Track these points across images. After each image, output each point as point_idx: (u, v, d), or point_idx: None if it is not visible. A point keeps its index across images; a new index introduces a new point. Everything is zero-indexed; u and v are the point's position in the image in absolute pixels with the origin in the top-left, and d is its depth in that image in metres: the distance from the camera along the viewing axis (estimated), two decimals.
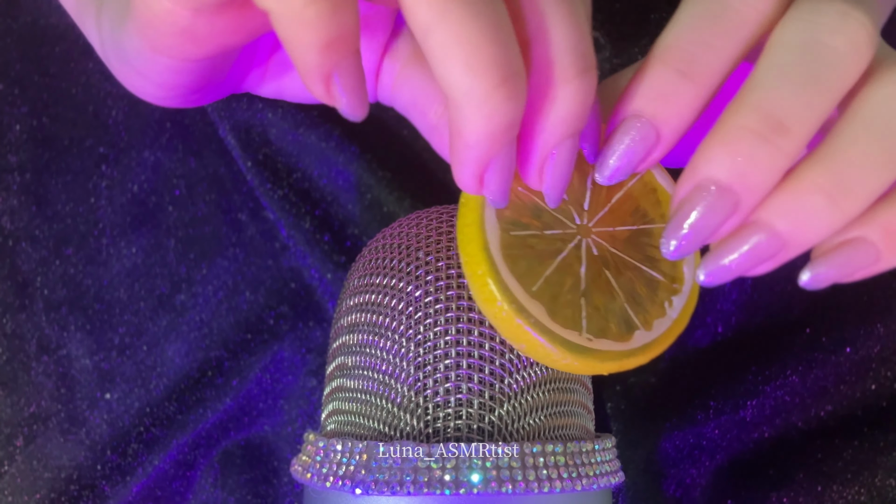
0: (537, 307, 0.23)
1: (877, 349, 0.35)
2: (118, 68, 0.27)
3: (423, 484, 0.24)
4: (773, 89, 0.20)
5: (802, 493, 0.34)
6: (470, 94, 0.19)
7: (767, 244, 0.21)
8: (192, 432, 0.38)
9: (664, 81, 0.21)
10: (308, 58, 0.20)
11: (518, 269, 0.23)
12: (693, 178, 0.21)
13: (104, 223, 0.39)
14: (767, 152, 0.20)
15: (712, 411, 0.37)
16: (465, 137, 0.20)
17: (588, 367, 0.24)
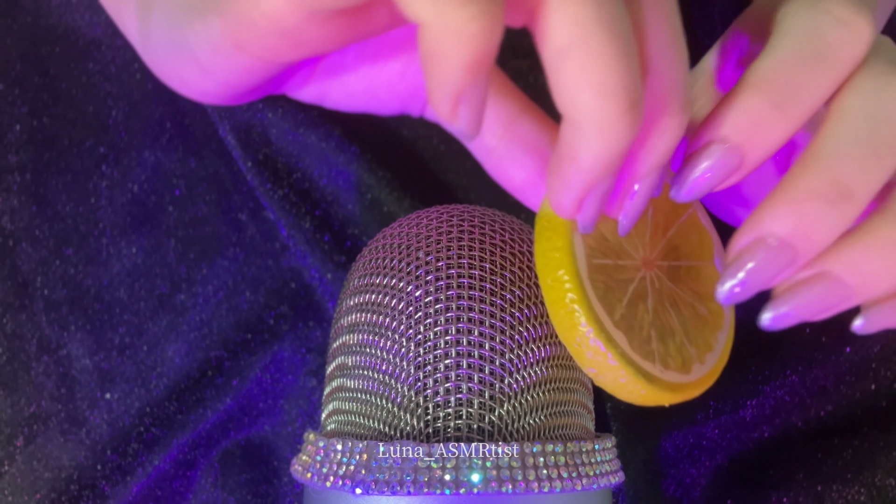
0: (620, 336, 0.23)
1: (876, 349, 0.35)
2: (167, 61, 0.26)
3: (423, 484, 0.24)
4: (843, 157, 0.21)
5: (802, 492, 0.34)
6: (597, 118, 0.19)
7: (835, 295, 0.22)
8: (193, 432, 0.38)
9: (758, 112, 0.22)
10: (450, 74, 0.19)
11: (602, 297, 0.23)
12: (757, 229, 0.22)
13: (104, 223, 0.39)
14: (832, 216, 0.21)
15: (712, 411, 0.37)
16: (580, 161, 0.20)
17: (655, 398, 0.24)
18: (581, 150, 0.20)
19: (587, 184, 0.21)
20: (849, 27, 0.22)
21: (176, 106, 0.40)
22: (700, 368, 0.25)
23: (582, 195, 0.22)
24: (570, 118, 0.20)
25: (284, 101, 0.38)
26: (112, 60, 0.39)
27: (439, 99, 0.20)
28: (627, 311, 0.24)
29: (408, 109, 0.28)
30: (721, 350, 0.26)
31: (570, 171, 0.21)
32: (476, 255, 0.27)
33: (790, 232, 0.21)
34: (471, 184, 0.40)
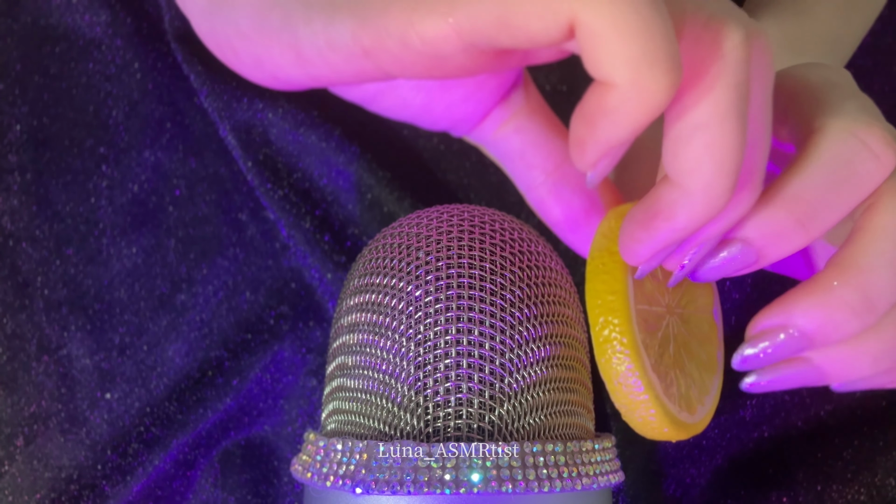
0: (656, 379, 0.25)
1: None
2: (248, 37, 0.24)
3: (423, 483, 0.24)
4: (875, 275, 0.23)
5: (802, 492, 0.34)
6: (710, 190, 0.21)
7: (811, 378, 0.24)
8: (193, 432, 0.38)
9: (782, 225, 0.23)
10: (616, 133, 0.20)
11: (643, 341, 0.25)
12: (784, 316, 0.24)
13: (104, 223, 0.39)
14: (854, 324, 0.23)
15: None
16: (675, 221, 0.22)
17: (671, 435, 0.25)
18: (680, 213, 0.22)
19: (672, 242, 0.23)
20: (878, 160, 0.23)
21: (176, 106, 0.40)
22: (702, 410, 0.26)
23: (662, 250, 0.23)
24: (679, 183, 0.21)
25: (285, 101, 0.38)
26: (112, 60, 0.39)
27: (592, 151, 0.21)
28: (658, 355, 0.25)
29: (453, 130, 0.29)
30: (715, 393, 0.28)
31: (662, 228, 0.22)
32: (476, 254, 0.27)
33: (814, 330, 0.23)
34: (471, 184, 0.40)
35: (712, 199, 0.21)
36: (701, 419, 0.26)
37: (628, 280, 0.25)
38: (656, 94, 0.19)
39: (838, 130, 0.23)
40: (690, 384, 0.26)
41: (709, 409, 0.27)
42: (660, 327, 0.26)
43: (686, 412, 0.26)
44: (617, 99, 0.19)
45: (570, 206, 0.28)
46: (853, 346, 0.24)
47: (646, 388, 0.24)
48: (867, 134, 0.23)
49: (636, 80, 0.19)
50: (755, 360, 0.24)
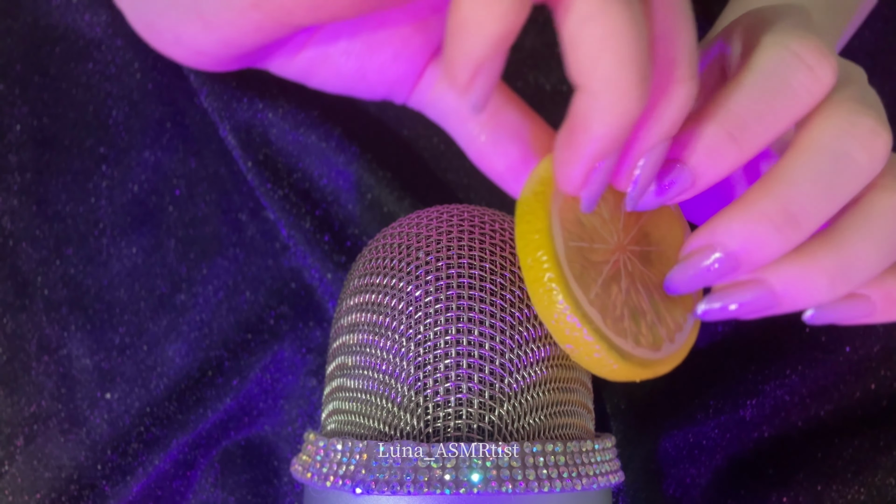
0: (595, 314, 0.24)
1: (876, 348, 0.35)
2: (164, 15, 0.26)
3: (423, 483, 0.24)
4: (799, 188, 0.23)
5: (802, 492, 0.34)
6: (614, 86, 0.20)
7: (764, 301, 0.24)
8: (193, 432, 0.38)
9: (715, 141, 0.23)
10: (476, 46, 0.20)
11: (578, 277, 0.25)
12: (709, 236, 0.24)
13: (104, 223, 0.39)
14: (777, 240, 0.23)
15: (712, 410, 0.37)
16: (592, 130, 0.21)
17: (625, 373, 0.25)
18: (594, 120, 0.21)
19: (597, 154, 0.22)
20: (812, 72, 0.23)
21: (176, 106, 0.40)
22: (669, 347, 0.26)
23: (590, 167, 0.23)
24: (586, 87, 0.21)
25: (284, 100, 0.38)
26: (112, 60, 0.39)
27: (460, 68, 0.21)
28: (602, 291, 0.25)
29: (393, 96, 0.29)
30: (690, 330, 0.27)
31: (582, 142, 0.22)
32: (476, 254, 0.27)
33: (737, 247, 0.23)
34: (471, 184, 0.40)
35: (619, 96, 0.20)
36: (670, 355, 0.26)
37: (552, 219, 0.25)
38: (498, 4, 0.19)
39: (772, 44, 0.23)
40: (655, 321, 0.26)
41: (681, 345, 0.27)
42: (606, 263, 0.26)
43: (645, 348, 0.25)
44: (466, 9, 0.20)
45: (509, 155, 0.27)
46: (805, 264, 0.24)
47: (582, 323, 0.24)
48: (801, 47, 0.23)
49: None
50: (687, 283, 0.24)
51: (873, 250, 0.23)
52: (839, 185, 0.23)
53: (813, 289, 0.24)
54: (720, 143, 0.23)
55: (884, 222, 0.24)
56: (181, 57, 0.27)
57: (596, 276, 0.25)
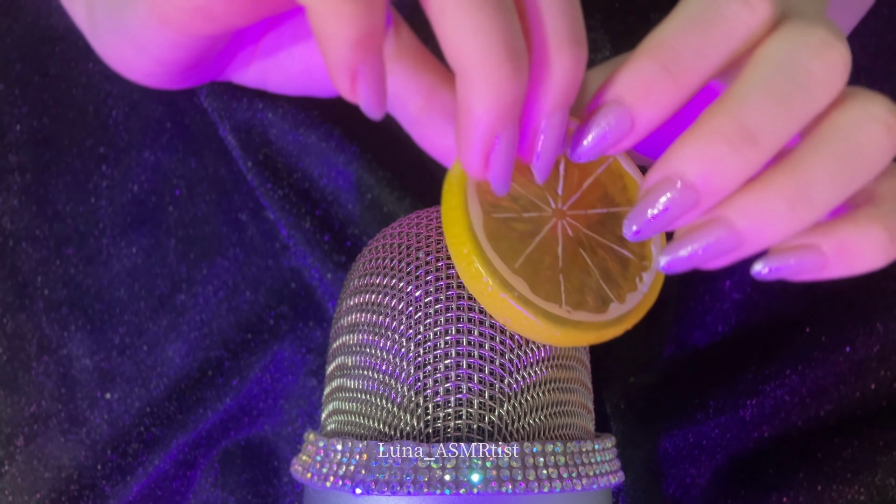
0: (520, 282, 0.24)
1: (876, 349, 0.35)
2: (109, 42, 0.28)
3: (423, 484, 0.24)
4: (751, 101, 0.21)
5: (802, 492, 0.34)
6: (481, 67, 0.21)
7: (726, 240, 0.22)
8: (193, 432, 0.38)
9: (648, 74, 0.22)
10: (339, 52, 0.21)
11: (500, 248, 0.25)
12: (663, 170, 0.22)
13: (104, 223, 0.39)
14: (734, 160, 0.21)
15: (712, 410, 0.37)
16: (473, 113, 0.21)
17: (569, 338, 0.25)
18: (473, 102, 0.21)
19: (487, 135, 0.22)
20: (748, 4, 0.22)
21: (176, 106, 0.40)
22: (618, 308, 0.26)
23: (485, 148, 0.22)
24: (458, 70, 0.21)
25: (284, 101, 0.38)
26: None
27: (336, 77, 0.21)
28: (531, 259, 0.25)
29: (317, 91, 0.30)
30: (647, 290, 0.27)
31: (468, 125, 0.22)
32: None
33: (693, 173, 0.22)
34: None
35: (491, 75, 0.21)
36: (619, 315, 0.26)
37: (469, 194, 0.25)
38: (343, 4, 0.20)
39: None
40: (602, 283, 0.26)
41: (634, 304, 0.26)
42: (538, 231, 0.26)
43: (587, 311, 0.25)
44: (316, 20, 0.21)
45: (447, 134, 0.28)
46: (761, 189, 0.22)
47: (506, 292, 0.24)
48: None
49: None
50: (646, 224, 0.23)
51: (832, 170, 0.22)
52: (795, 99, 0.22)
53: (772, 216, 0.22)
54: (655, 77, 0.22)
55: (842, 141, 0.22)
56: (134, 77, 0.28)
57: (524, 246, 0.25)
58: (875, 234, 0.22)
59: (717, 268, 0.23)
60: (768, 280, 0.23)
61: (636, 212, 0.23)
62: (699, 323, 0.39)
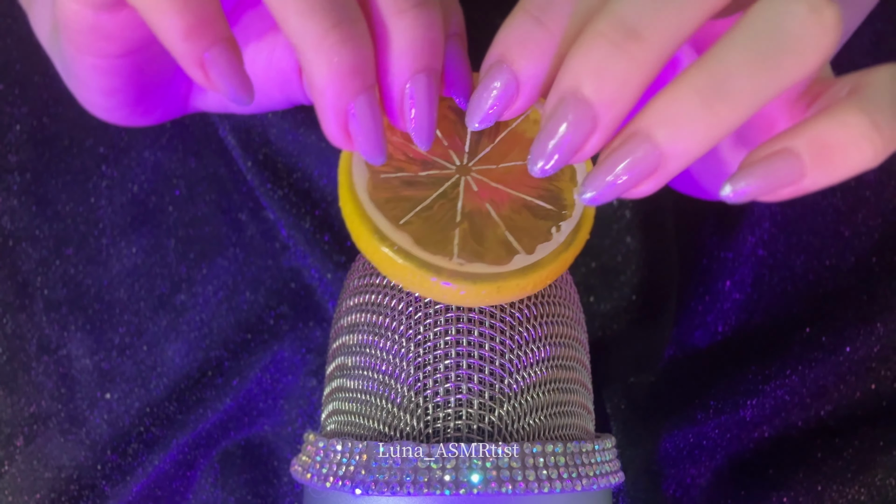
0: (403, 237, 0.24)
1: (877, 349, 0.35)
2: (69, 83, 0.29)
3: (423, 484, 0.24)
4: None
5: (802, 492, 0.34)
6: (307, 39, 0.21)
7: (646, 154, 0.20)
8: (192, 432, 0.38)
9: (520, 27, 0.22)
10: (177, 46, 0.21)
11: (386, 206, 0.25)
12: (555, 91, 0.21)
13: (104, 223, 0.39)
14: (620, 60, 0.20)
15: (712, 411, 0.37)
16: (315, 84, 0.21)
17: (463, 291, 0.24)
18: (312, 75, 0.21)
19: (335, 106, 0.22)
20: None
21: None
22: (524, 258, 0.25)
23: (339, 120, 0.22)
24: (293, 46, 0.21)
25: None
26: None
27: (185, 67, 0.22)
28: (422, 216, 0.25)
29: (295, 97, 0.29)
30: (563, 239, 0.25)
31: (316, 98, 0.22)
32: None
33: (582, 84, 0.20)
34: None
35: (316, 46, 0.21)
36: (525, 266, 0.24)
37: (353, 156, 0.25)
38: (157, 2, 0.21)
39: None
40: (504, 235, 0.25)
41: (544, 255, 0.25)
42: (435, 188, 0.25)
43: (487, 263, 0.24)
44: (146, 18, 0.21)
45: None
46: (671, 88, 0.20)
47: (387, 246, 0.24)
48: None
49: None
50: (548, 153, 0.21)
51: (750, 58, 0.19)
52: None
53: (687, 116, 0.20)
54: (528, 28, 0.21)
55: (759, 26, 0.20)
56: (96, 112, 0.29)
57: (414, 204, 0.25)
58: (855, 121, 0.20)
59: (650, 192, 0.21)
60: (740, 203, 0.21)
61: (537, 146, 0.21)
62: (699, 323, 0.39)
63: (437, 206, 0.25)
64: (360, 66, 0.21)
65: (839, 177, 0.20)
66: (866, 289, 0.36)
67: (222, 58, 0.22)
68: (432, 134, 0.24)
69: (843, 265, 0.37)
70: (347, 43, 0.21)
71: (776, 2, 0.20)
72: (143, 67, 0.27)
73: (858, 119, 0.20)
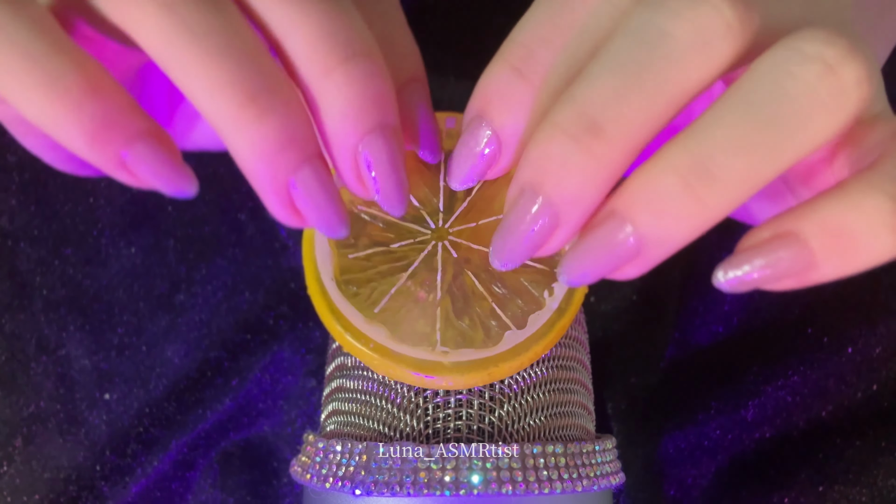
0: (378, 331, 0.23)
1: (878, 349, 0.35)
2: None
3: (422, 485, 0.24)
4: (595, 81, 0.18)
5: (804, 493, 0.34)
6: (220, 118, 0.18)
7: (624, 239, 0.18)
8: (192, 433, 0.38)
9: (500, 79, 0.20)
10: (87, 155, 0.19)
11: (358, 291, 0.23)
12: (515, 181, 0.19)
13: (103, 223, 0.39)
14: (581, 158, 0.18)
15: (713, 411, 0.36)
16: (245, 167, 0.19)
17: (451, 382, 0.23)
18: (236, 157, 0.19)
19: (273, 185, 0.19)
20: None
21: None
22: (516, 335, 0.23)
23: (280, 199, 0.20)
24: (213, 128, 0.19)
25: None
26: None
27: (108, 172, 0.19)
28: (398, 299, 0.23)
29: None
30: (558, 306, 0.23)
31: (251, 178, 0.19)
32: None
33: (540, 180, 0.18)
34: None
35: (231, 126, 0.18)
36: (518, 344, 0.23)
37: (315, 242, 0.23)
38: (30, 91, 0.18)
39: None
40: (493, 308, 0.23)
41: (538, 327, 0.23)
42: (412, 263, 0.23)
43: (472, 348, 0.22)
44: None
45: None
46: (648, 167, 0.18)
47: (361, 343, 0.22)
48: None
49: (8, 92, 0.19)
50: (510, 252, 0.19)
51: (741, 132, 0.17)
52: (651, 70, 0.17)
53: (667, 201, 0.17)
54: (508, 79, 0.20)
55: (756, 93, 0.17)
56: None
57: (389, 285, 0.23)
58: (872, 205, 0.17)
59: (635, 276, 0.19)
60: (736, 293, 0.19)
61: (497, 240, 0.20)
62: (701, 323, 0.39)
63: (415, 284, 0.23)
64: (291, 137, 0.19)
65: (854, 269, 0.18)
66: (868, 289, 0.36)
67: (143, 153, 0.19)
68: (404, 197, 0.21)
69: None
70: (268, 116, 0.18)
71: (781, 59, 0.17)
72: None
73: (876, 202, 0.17)
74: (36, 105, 0.18)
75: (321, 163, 0.20)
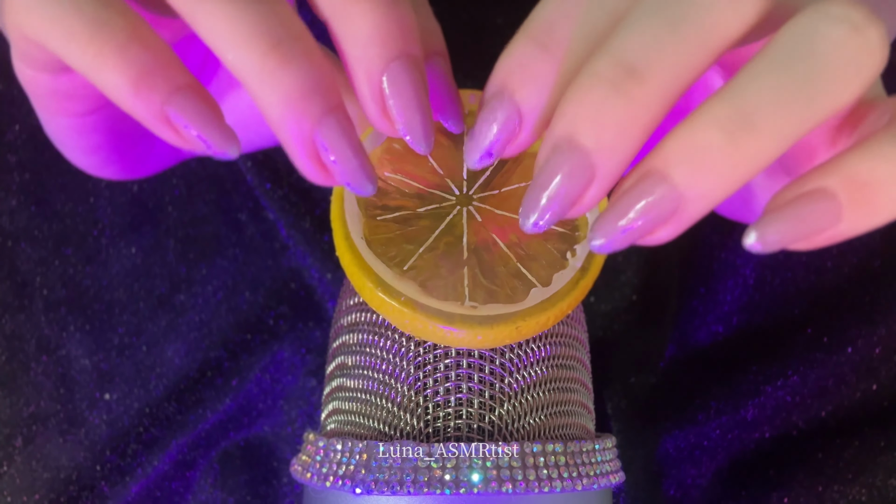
0: (408, 285, 0.23)
1: (878, 350, 0.35)
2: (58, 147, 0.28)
3: (423, 484, 0.24)
4: (632, 32, 0.18)
5: (803, 493, 0.34)
6: (246, 70, 0.19)
7: (661, 198, 0.18)
8: (192, 432, 0.38)
9: (522, 52, 0.20)
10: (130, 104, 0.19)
11: (387, 251, 0.23)
12: (548, 138, 0.19)
13: (104, 223, 0.39)
14: (619, 103, 0.17)
15: (713, 411, 0.36)
16: (268, 117, 0.19)
17: (480, 337, 0.23)
18: (263, 109, 0.19)
19: (298, 138, 0.19)
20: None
21: None
22: (542, 292, 0.23)
23: (307, 152, 0.20)
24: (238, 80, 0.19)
25: None
26: None
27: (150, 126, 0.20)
28: (426, 258, 0.23)
29: None
30: (581, 265, 0.24)
31: (277, 135, 0.19)
32: None
33: (576, 130, 0.18)
34: None
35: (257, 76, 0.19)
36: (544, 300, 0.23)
37: (344, 201, 0.24)
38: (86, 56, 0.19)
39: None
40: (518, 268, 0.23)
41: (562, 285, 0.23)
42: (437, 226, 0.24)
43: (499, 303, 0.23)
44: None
45: None
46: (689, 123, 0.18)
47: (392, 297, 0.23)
48: None
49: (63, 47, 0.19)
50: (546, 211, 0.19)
51: (780, 85, 0.17)
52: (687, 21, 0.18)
53: (708, 152, 0.17)
54: (531, 52, 0.20)
55: (791, 51, 0.17)
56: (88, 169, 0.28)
57: (417, 245, 0.24)
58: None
59: (669, 239, 0.19)
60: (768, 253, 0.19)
61: (528, 198, 0.19)
62: (700, 323, 0.39)
63: (442, 245, 0.24)
64: (315, 86, 0.19)
65: (881, 220, 0.18)
66: (868, 289, 0.36)
67: (187, 106, 0.19)
68: (430, 128, 0.21)
69: (844, 266, 0.37)
70: (291, 63, 0.18)
71: (810, 20, 0.17)
72: (120, 119, 0.26)
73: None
74: (82, 49, 0.19)
75: (345, 115, 0.20)
